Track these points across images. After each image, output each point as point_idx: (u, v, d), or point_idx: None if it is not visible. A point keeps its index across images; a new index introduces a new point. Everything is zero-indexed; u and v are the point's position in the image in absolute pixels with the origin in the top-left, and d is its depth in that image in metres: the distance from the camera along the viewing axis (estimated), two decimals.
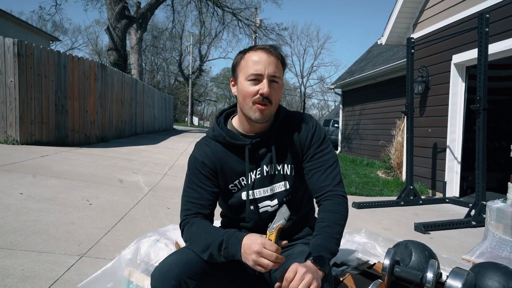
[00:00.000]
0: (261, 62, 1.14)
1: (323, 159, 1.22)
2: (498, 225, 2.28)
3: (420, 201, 4.79)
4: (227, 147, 1.23)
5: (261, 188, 1.24)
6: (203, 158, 1.22)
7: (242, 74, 1.17)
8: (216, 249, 1.04)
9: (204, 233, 1.09)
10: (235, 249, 1.01)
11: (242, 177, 1.23)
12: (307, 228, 1.31)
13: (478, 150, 3.79)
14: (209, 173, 1.21)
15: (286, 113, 1.29)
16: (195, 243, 1.10)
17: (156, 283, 1.02)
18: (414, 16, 6.14)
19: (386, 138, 8.46)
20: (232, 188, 1.24)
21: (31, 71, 6.17)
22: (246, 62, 1.17)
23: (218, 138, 1.23)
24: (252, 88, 1.15)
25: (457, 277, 1.23)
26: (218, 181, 1.22)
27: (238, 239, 1.02)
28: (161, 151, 7.87)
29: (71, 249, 2.22)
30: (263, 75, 1.14)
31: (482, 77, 3.76)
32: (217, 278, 1.11)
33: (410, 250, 1.50)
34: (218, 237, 1.05)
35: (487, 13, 3.77)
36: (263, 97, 1.14)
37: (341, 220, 1.12)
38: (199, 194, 1.19)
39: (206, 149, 1.24)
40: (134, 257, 1.57)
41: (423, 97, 5.90)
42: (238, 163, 1.22)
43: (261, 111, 1.15)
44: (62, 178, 4.02)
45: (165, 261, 1.06)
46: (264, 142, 1.23)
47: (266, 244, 0.96)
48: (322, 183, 1.19)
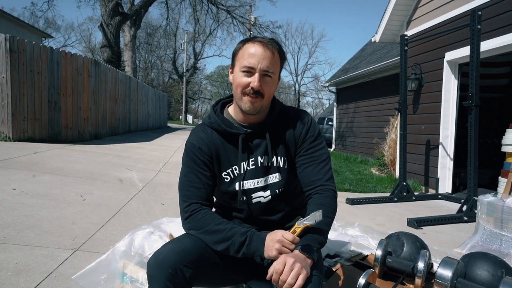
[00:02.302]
0: (255, 55, 1.16)
1: (316, 154, 1.25)
2: (489, 218, 2.31)
3: (413, 197, 4.84)
4: (222, 135, 1.25)
5: (254, 179, 1.25)
6: (200, 144, 1.24)
7: (238, 64, 1.20)
8: (237, 244, 1.08)
9: (221, 225, 1.12)
10: (257, 245, 1.06)
11: (235, 166, 1.24)
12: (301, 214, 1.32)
13: (470, 146, 3.83)
14: (206, 159, 1.23)
15: (281, 107, 1.31)
16: (209, 234, 1.12)
17: (152, 271, 1.02)
18: (407, 14, 6.19)
19: (379, 135, 8.52)
20: (225, 177, 1.25)
21: (23, 67, 6.11)
22: (243, 52, 1.19)
23: (214, 125, 1.25)
24: (244, 79, 1.17)
25: (447, 266, 1.25)
26: (214, 168, 1.24)
27: (261, 237, 1.08)
28: (155, 148, 7.84)
29: (64, 243, 2.21)
30: (255, 68, 1.16)
31: (474, 74, 3.80)
32: (210, 268, 1.12)
33: (402, 241, 1.52)
34: (241, 234, 1.09)
35: (479, 11, 3.81)
36: (253, 90, 1.16)
37: (330, 213, 1.15)
38: (198, 179, 1.21)
39: (202, 135, 1.26)
40: (128, 249, 1.57)
41: (417, 94, 5.95)
42: (232, 152, 1.24)
43: (251, 103, 1.18)
44: (55, 174, 4.00)
45: (161, 249, 1.07)
46: (259, 133, 1.25)
47: (285, 234, 1.04)
48: (313, 177, 1.22)
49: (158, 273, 1.01)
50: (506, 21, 4.24)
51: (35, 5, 17.80)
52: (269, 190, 1.26)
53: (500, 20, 4.32)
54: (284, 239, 1.03)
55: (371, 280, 1.28)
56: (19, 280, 1.71)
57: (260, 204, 1.26)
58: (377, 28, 6.68)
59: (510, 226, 2.18)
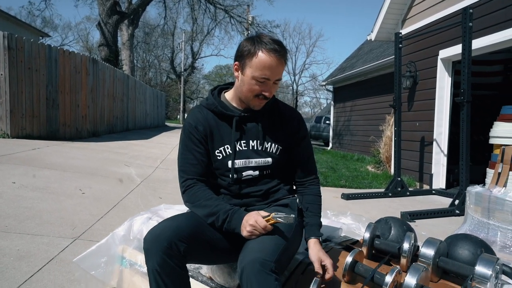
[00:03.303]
0: (271, 68, 1.23)
1: (307, 151, 1.44)
2: (477, 208, 2.39)
3: (407, 192, 4.91)
4: (218, 116, 1.35)
5: (245, 159, 1.34)
6: (196, 123, 1.33)
7: (251, 70, 1.25)
8: (220, 220, 1.21)
9: (209, 201, 1.25)
10: (236, 224, 1.19)
11: (227, 145, 1.33)
12: (282, 192, 1.41)
13: (462, 141, 3.91)
14: (201, 137, 1.33)
15: (275, 99, 1.43)
16: (200, 207, 1.26)
17: (149, 245, 1.09)
18: (402, 12, 6.27)
19: (376, 133, 8.59)
20: (217, 154, 1.34)
21: (21, 65, 6.15)
22: (258, 61, 1.23)
23: (211, 107, 1.35)
24: (257, 87, 1.27)
25: (430, 246, 1.32)
26: (208, 146, 1.34)
27: (240, 217, 1.20)
28: (153, 146, 7.89)
29: (65, 232, 2.27)
30: (270, 80, 1.26)
31: (466, 70, 3.88)
32: (203, 245, 1.19)
33: (390, 225, 1.59)
34: (223, 212, 1.22)
35: (470, 9, 3.89)
36: (265, 96, 1.28)
37: (321, 201, 1.44)
38: (194, 156, 1.31)
39: (199, 115, 1.35)
40: (127, 233, 1.63)
41: (411, 92, 6.04)
42: (226, 132, 1.34)
43: (260, 104, 1.32)
44: (54, 169, 4.05)
45: (157, 226, 1.14)
46: (252, 117, 1.35)
47: (258, 220, 1.16)
48: (306, 169, 1.43)
49: (154, 247, 1.08)
50: (497, 19, 4.32)
51: (32, 4, 17.78)
52: (258, 170, 1.35)
53: (492, 18, 4.41)
54: (257, 224, 1.15)
55: (358, 259, 1.35)
56: (22, 265, 1.77)
57: (248, 180, 1.35)
58: (373, 26, 6.75)
59: (497, 215, 2.25)
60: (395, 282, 1.18)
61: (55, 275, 1.72)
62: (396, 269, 1.21)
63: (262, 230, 1.15)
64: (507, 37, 4.20)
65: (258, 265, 1.01)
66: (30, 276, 1.68)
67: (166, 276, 1.08)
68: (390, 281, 1.17)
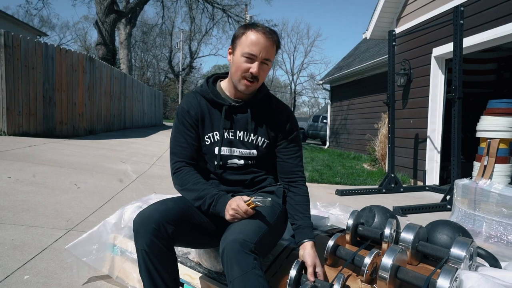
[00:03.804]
0: (258, 44, 1.28)
1: (296, 148, 1.45)
2: (463, 200, 2.44)
3: (401, 188, 4.97)
4: (210, 103, 1.39)
5: (232, 148, 1.38)
6: (188, 108, 1.38)
7: (240, 48, 1.31)
8: (206, 204, 1.26)
9: (197, 185, 1.30)
10: (221, 208, 1.24)
11: (216, 132, 1.38)
12: (268, 180, 1.46)
13: (454, 137, 3.96)
14: (193, 122, 1.37)
15: (268, 92, 1.46)
16: (188, 191, 1.31)
17: (138, 226, 1.13)
18: (397, 11, 6.32)
19: (372, 132, 8.65)
20: (206, 140, 1.38)
21: (18, 63, 6.17)
22: (246, 39, 1.29)
23: (204, 93, 1.39)
24: (244, 64, 1.30)
25: (410, 230, 1.36)
26: (199, 131, 1.38)
27: (225, 202, 1.24)
28: (149, 144, 7.93)
29: (59, 224, 2.30)
30: (257, 56, 1.28)
31: (457, 67, 3.93)
32: (190, 228, 1.24)
33: (374, 212, 1.64)
34: (210, 197, 1.26)
35: (462, 7, 3.94)
36: (252, 75, 1.30)
37: (309, 200, 1.45)
38: (185, 139, 1.36)
39: (192, 100, 1.40)
40: (118, 221, 1.67)
41: (406, 90, 6.09)
42: (215, 119, 1.38)
43: (247, 86, 1.33)
44: (50, 166, 4.08)
45: (146, 209, 1.19)
46: (243, 108, 1.39)
47: (240, 204, 1.21)
48: (294, 167, 1.43)
49: (143, 228, 1.12)
50: (489, 17, 4.38)
51: (29, 3, 17.77)
52: (243, 160, 1.39)
53: (483, 17, 4.46)
54: (238, 208, 1.20)
55: (340, 243, 1.40)
56: (16, 253, 1.81)
57: (233, 168, 1.39)
58: (368, 24, 6.81)
59: (482, 207, 2.30)
60: (374, 263, 1.23)
61: (48, 263, 1.75)
62: (376, 251, 1.25)
63: (243, 213, 1.19)
64: (498, 34, 4.26)
65: (238, 245, 1.05)
66: (24, 263, 1.72)
67: (154, 256, 1.13)
68: (368, 262, 1.22)
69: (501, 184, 2.29)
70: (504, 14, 4.18)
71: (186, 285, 1.45)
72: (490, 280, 1.11)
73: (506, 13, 4.15)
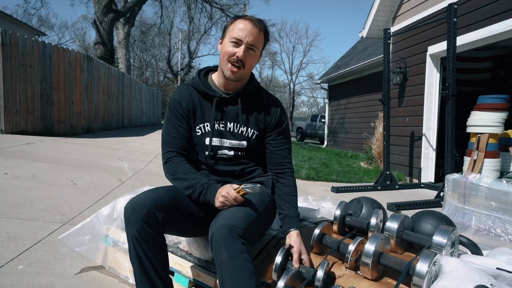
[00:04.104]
0: (244, 30, 1.33)
1: (285, 140, 1.48)
2: (454, 194, 2.47)
3: (396, 186, 5.00)
4: (201, 95, 1.43)
5: (222, 139, 1.41)
6: (180, 99, 1.42)
7: (228, 35, 1.36)
8: (197, 193, 1.29)
9: (187, 174, 1.33)
10: (211, 196, 1.27)
11: (207, 123, 1.41)
12: (258, 171, 1.49)
13: (448, 134, 4.00)
14: (184, 113, 1.41)
15: (258, 84, 1.50)
16: (179, 180, 1.34)
17: (128, 213, 1.16)
18: (393, 9, 6.36)
19: (369, 130, 8.69)
20: (197, 130, 1.42)
21: (15, 61, 6.19)
22: (234, 26, 1.35)
23: (195, 85, 1.43)
24: (231, 49, 1.34)
25: (395, 220, 1.40)
26: (190, 121, 1.42)
27: (215, 190, 1.27)
28: (147, 142, 7.95)
29: (54, 218, 2.33)
30: (243, 41, 1.33)
31: (451, 64, 3.97)
32: (180, 217, 1.27)
33: (362, 204, 1.67)
34: (200, 185, 1.29)
35: (455, 5, 3.98)
36: (237, 59, 1.33)
37: (297, 191, 1.47)
38: (176, 130, 1.40)
39: (184, 92, 1.44)
40: (111, 213, 1.70)
41: (402, 88, 6.13)
42: (207, 110, 1.42)
43: (232, 72, 1.35)
44: (47, 162, 4.10)
45: (137, 196, 1.22)
46: (233, 100, 1.42)
47: (229, 192, 1.24)
48: (283, 159, 1.47)
49: (133, 215, 1.15)
50: (483, 15, 4.42)
51: (28, 2, 17.76)
52: (233, 151, 1.42)
53: (477, 15, 4.50)
54: (228, 195, 1.23)
55: (327, 231, 1.43)
56: (10, 245, 1.83)
57: (223, 159, 1.42)
58: (364, 23, 6.84)
59: (472, 200, 2.34)
60: (358, 251, 1.26)
61: (42, 254, 1.78)
62: (360, 238, 1.29)
63: (233, 201, 1.22)
64: (493, 32, 4.30)
65: (226, 230, 1.09)
66: (18, 254, 1.74)
67: (144, 243, 1.16)
68: (353, 249, 1.25)
69: (490, 178, 2.32)
70: (498, 12, 4.22)
71: (176, 274, 1.48)
72: (468, 264, 1.14)
73: (500, 11, 4.19)
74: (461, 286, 1.04)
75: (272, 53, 38.53)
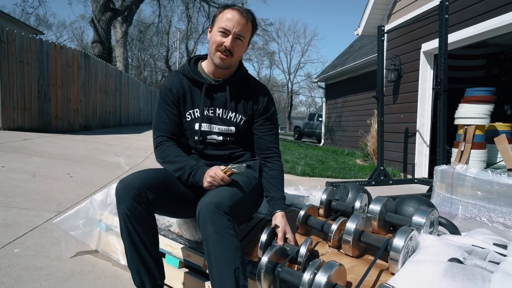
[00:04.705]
0: (232, 20, 1.37)
1: (272, 126, 1.53)
2: (442, 185, 2.53)
3: (390, 181, 5.05)
4: (191, 82, 1.47)
5: (211, 124, 1.47)
6: (171, 86, 1.47)
7: (216, 25, 1.41)
8: (186, 175, 1.34)
9: (177, 157, 1.38)
10: (199, 177, 1.32)
11: (196, 109, 1.46)
12: (246, 156, 1.54)
13: (439, 128, 4.06)
14: (174, 99, 1.46)
15: (247, 72, 1.55)
16: (169, 163, 1.39)
17: (120, 192, 1.21)
18: (388, 7, 6.42)
19: (365, 128, 8.75)
20: (187, 116, 1.47)
21: (13, 58, 6.22)
22: (222, 16, 1.39)
23: (185, 72, 1.48)
24: (219, 38, 1.39)
25: (378, 202, 1.45)
26: (180, 107, 1.47)
27: (203, 171, 1.32)
28: (144, 139, 7.99)
29: (50, 207, 2.38)
30: (230, 31, 1.37)
31: (442, 60, 4.02)
32: (168, 195, 1.32)
33: (348, 189, 1.72)
34: (189, 167, 1.34)
35: (447, 1, 4.04)
36: (225, 49, 1.38)
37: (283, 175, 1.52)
38: (167, 115, 1.45)
39: (174, 79, 1.49)
40: (104, 198, 1.75)
41: (396, 85, 6.19)
42: (196, 97, 1.47)
43: (221, 59, 1.40)
44: (44, 157, 4.14)
45: (127, 177, 1.27)
46: (222, 87, 1.47)
47: (217, 172, 1.29)
48: (270, 144, 1.52)
49: (124, 193, 1.20)
50: (474, 12, 4.48)
51: (25, 1, 17.75)
52: (222, 136, 1.47)
53: (469, 12, 4.57)
54: (215, 175, 1.28)
55: (312, 213, 1.48)
56: (7, 231, 1.88)
57: (212, 144, 1.48)
58: (360, 21, 6.90)
59: (459, 190, 2.39)
60: (341, 230, 1.31)
61: (38, 239, 1.83)
62: (342, 219, 1.34)
63: (220, 181, 1.27)
64: (484, 29, 4.36)
65: (213, 206, 1.14)
66: (14, 239, 1.79)
67: (135, 220, 1.21)
68: (335, 229, 1.30)
69: (477, 168, 2.38)
70: (489, 9, 4.29)
71: (167, 255, 1.53)
72: (444, 240, 1.20)
73: (491, 8, 4.26)
74: (436, 259, 1.10)
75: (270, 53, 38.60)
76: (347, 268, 1.16)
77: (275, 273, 1.16)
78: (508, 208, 2.14)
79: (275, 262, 1.19)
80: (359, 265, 1.22)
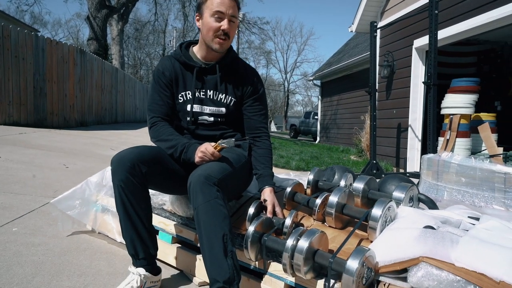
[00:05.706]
0: (224, 3, 1.43)
1: (261, 106, 1.60)
2: (428, 172, 2.62)
3: (382, 174, 5.14)
4: (183, 65, 1.54)
5: (203, 106, 1.54)
6: (163, 69, 1.53)
7: (208, 11, 1.45)
8: (178, 151, 1.41)
9: (170, 136, 1.45)
10: (191, 154, 1.38)
11: (188, 91, 1.53)
12: (236, 136, 1.60)
13: (430, 121, 4.15)
14: (167, 81, 1.52)
15: (236, 55, 1.62)
16: (162, 141, 1.45)
17: (114, 166, 1.28)
18: (381, 4, 6.51)
19: (360, 125, 8.85)
20: (180, 98, 1.54)
21: (8, 53, 6.24)
22: (211, 2, 1.43)
23: (177, 56, 1.54)
24: (215, 24, 1.43)
25: (361, 180, 1.53)
26: (173, 90, 1.53)
27: (195, 148, 1.39)
28: (140, 135, 8.03)
29: (47, 193, 2.43)
30: (225, 14, 1.43)
31: (432, 55, 4.11)
32: (161, 170, 1.39)
33: (334, 171, 1.80)
34: (181, 145, 1.41)
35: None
36: (223, 33, 1.44)
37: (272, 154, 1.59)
38: (160, 97, 1.51)
39: (166, 62, 1.55)
40: (100, 180, 1.81)
41: (389, 81, 6.28)
42: (188, 80, 1.54)
43: (220, 44, 1.46)
44: (40, 150, 4.19)
45: (122, 151, 1.34)
46: (212, 70, 1.53)
47: (207, 148, 1.35)
48: (259, 124, 1.59)
49: (119, 167, 1.27)
50: (464, 8, 4.58)
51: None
52: (213, 117, 1.54)
53: (458, 8, 4.67)
54: (206, 151, 1.34)
55: (298, 190, 1.55)
56: (5, 213, 1.94)
57: (204, 124, 1.55)
58: (353, 18, 6.99)
59: (444, 177, 2.48)
60: (325, 204, 1.39)
61: (35, 220, 1.89)
62: (326, 194, 1.41)
63: (210, 156, 1.34)
64: (473, 25, 4.46)
65: (203, 178, 1.21)
66: (12, 220, 1.85)
67: (129, 191, 1.27)
68: (319, 203, 1.38)
69: (461, 156, 2.47)
70: (477, 6, 4.39)
71: (160, 232, 1.60)
72: (420, 211, 1.28)
73: (479, 4, 4.35)
74: (411, 226, 1.18)
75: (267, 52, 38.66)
76: (330, 238, 1.24)
77: (261, 242, 1.23)
78: (490, 192, 2.22)
79: (261, 232, 1.26)
80: (342, 236, 1.30)
